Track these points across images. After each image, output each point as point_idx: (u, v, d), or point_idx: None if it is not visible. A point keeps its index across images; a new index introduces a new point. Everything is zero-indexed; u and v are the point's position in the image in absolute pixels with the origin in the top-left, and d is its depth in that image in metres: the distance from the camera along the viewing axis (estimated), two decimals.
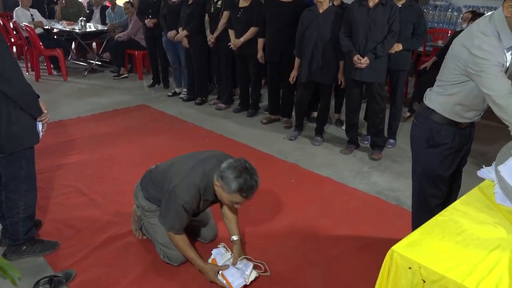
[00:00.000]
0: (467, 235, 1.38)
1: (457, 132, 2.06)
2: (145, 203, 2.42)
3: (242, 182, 1.97)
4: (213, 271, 2.21)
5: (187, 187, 2.09)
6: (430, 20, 6.29)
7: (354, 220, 2.94)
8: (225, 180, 1.99)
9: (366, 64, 3.56)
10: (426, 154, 2.15)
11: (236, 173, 1.97)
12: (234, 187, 1.97)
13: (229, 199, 2.06)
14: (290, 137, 4.36)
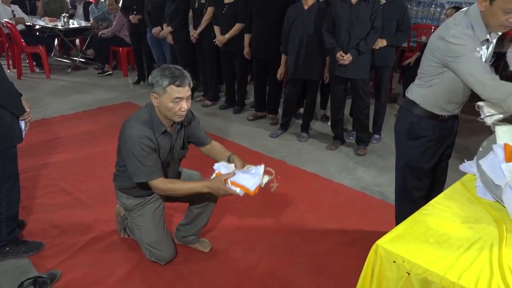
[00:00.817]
0: (449, 229, 1.41)
1: (437, 125, 2.11)
2: (123, 199, 2.33)
3: (169, 73, 1.98)
4: (220, 181, 1.99)
5: (133, 121, 2.09)
6: (413, 16, 6.36)
7: (340, 215, 2.97)
8: (156, 85, 2.00)
9: (349, 61, 3.58)
10: (408, 146, 2.20)
11: (160, 71, 2.01)
12: (166, 81, 1.97)
13: (169, 98, 1.98)
14: (272, 134, 4.37)
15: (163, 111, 2.06)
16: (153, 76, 2.02)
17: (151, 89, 2.04)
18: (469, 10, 1.85)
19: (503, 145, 1.59)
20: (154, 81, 2.01)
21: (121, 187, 2.32)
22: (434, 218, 1.46)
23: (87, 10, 7.74)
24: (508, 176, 1.48)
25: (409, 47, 5.80)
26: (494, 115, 1.74)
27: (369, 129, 4.12)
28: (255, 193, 1.99)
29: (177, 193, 2.12)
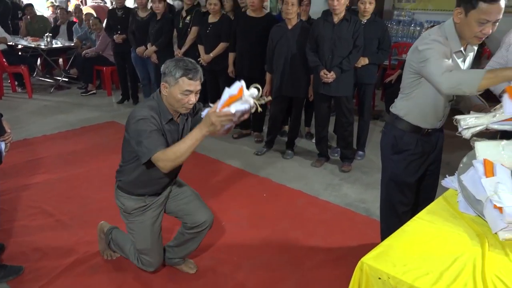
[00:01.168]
0: (433, 244, 1.42)
1: (421, 139, 2.15)
2: (123, 199, 2.24)
3: (182, 65, 1.98)
4: (211, 114, 1.81)
5: (140, 108, 2.06)
6: (394, 35, 6.50)
7: (326, 232, 2.96)
8: (168, 74, 1.99)
9: (333, 79, 3.64)
10: (392, 160, 2.23)
11: (174, 62, 2.00)
12: (179, 73, 1.97)
13: (180, 90, 1.97)
14: (257, 152, 4.38)
15: (171, 101, 2.04)
16: (167, 66, 2.01)
17: (163, 78, 2.03)
18: (444, 24, 1.93)
19: (483, 160, 1.62)
20: (167, 70, 2.00)
21: (124, 182, 2.24)
22: (418, 233, 1.48)
23: (71, 30, 7.73)
24: (488, 191, 1.50)
25: (391, 65, 5.92)
26: (471, 127, 1.79)
27: (353, 145, 4.16)
28: (240, 93, 1.77)
29: (180, 154, 1.89)
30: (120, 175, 2.27)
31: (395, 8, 6.90)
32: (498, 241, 1.41)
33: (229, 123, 1.82)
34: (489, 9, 1.74)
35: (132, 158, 2.14)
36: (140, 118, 1.99)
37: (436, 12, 6.43)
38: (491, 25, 1.79)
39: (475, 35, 1.83)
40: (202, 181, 3.74)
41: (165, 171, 1.95)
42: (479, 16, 1.76)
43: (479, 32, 1.81)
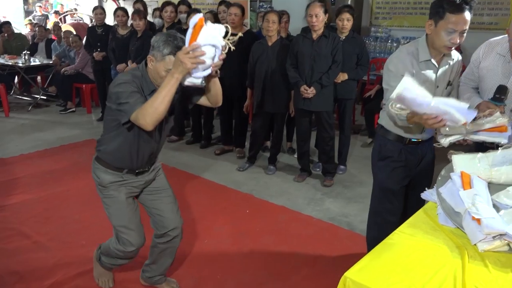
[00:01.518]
0: (414, 257, 1.43)
1: (404, 148, 2.25)
2: (100, 172, 2.18)
3: (173, 42, 1.93)
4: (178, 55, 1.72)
5: (122, 75, 2.03)
6: (372, 51, 6.64)
7: (310, 247, 2.96)
8: (157, 48, 1.95)
9: (313, 94, 3.68)
10: (377, 167, 2.36)
11: (165, 37, 1.95)
12: (167, 49, 1.92)
13: (165, 66, 1.93)
14: (239, 168, 4.38)
15: (155, 76, 2.00)
16: (157, 40, 1.96)
17: (151, 50, 1.98)
18: (421, 38, 2.12)
19: (460, 173, 1.66)
20: (155, 44, 1.96)
21: (103, 152, 2.16)
22: (399, 247, 1.49)
23: (49, 48, 7.66)
24: (466, 203, 1.53)
25: (369, 80, 6.03)
26: (449, 135, 1.85)
27: (335, 160, 4.20)
28: (201, 21, 1.68)
29: (157, 105, 1.79)
30: (100, 144, 2.20)
31: (372, 24, 7.07)
32: (477, 253, 1.43)
33: (200, 61, 1.71)
34: (455, 19, 1.90)
35: (113, 127, 2.08)
36: (121, 82, 1.96)
37: (412, 28, 6.61)
38: (458, 34, 1.94)
39: (444, 44, 1.98)
40: (183, 198, 3.71)
41: (149, 128, 1.84)
42: (447, 26, 1.93)
43: (448, 41, 1.96)
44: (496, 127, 1.81)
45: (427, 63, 2.09)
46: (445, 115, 1.68)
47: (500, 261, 1.39)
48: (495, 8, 5.92)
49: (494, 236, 1.42)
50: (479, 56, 2.07)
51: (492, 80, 1.97)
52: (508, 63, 1.90)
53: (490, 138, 1.82)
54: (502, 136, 1.81)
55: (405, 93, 1.65)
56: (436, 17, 1.97)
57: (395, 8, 6.85)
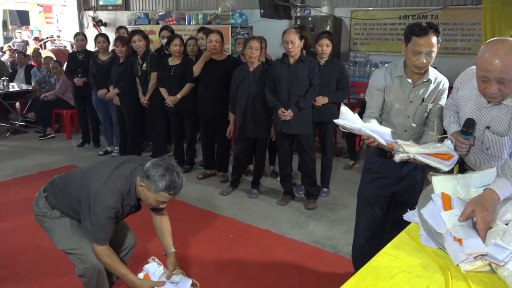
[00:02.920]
0: (398, 279, 1.43)
1: (385, 162, 2.37)
2: (48, 209, 2.24)
3: (169, 179, 1.94)
4: (148, 286, 2.07)
5: (110, 191, 1.99)
6: (351, 75, 6.78)
7: (295, 271, 2.94)
8: (152, 179, 1.94)
9: (291, 117, 3.73)
10: (361, 177, 2.59)
11: (162, 171, 1.94)
12: (162, 185, 1.93)
13: (156, 198, 1.99)
14: (222, 192, 4.35)
15: (144, 199, 2.07)
16: (154, 171, 1.95)
17: (143, 177, 1.98)
18: (403, 58, 2.28)
19: (441, 194, 1.69)
20: (151, 175, 1.95)
21: (55, 204, 2.23)
22: (383, 268, 1.49)
23: (29, 73, 7.58)
24: (448, 224, 1.55)
25: (350, 103, 6.13)
26: (401, 153, 1.95)
27: (317, 183, 4.22)
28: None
29: (109, 269, 2.13)
30: (50, 197, 2.24)
31: (351, 50, 7.25)
32: (460, 273, 1.44)
33: None
34: (420, 41, 2.09)
35: (66, 199, 2.18)
36: (102, 207, 1.98)
37: (388, 53, 6.81)
38: (423, 55, 2.11)
39: (413, 64, 2.17)
40: None
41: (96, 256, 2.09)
42: (413, 48, 2.12)
43: (416, 61, 2.14)
44: (440, 153, 1.91)
45: (400, 78, 2.28)
46: (373, 137, 1.96)
47: (483, 281, 1.40)
48: (468, 34, 6.16)
49: (476, 256, 1.44)
50: (457, 84, 2.14)
51: (466, 111, 2.03)
52: (480, 97, 1.94)
53: (433, 163, 1.92)
54: (444, 164, 1.90)
55: (342, 118, 1.98)
56: (406, 40, 2.17)
57: (373, 34, 7.05)
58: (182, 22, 8.34)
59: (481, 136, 1.96)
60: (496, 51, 1.68)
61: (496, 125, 1.90)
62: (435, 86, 2.28)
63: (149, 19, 8.91)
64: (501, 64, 1.66)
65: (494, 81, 1.71)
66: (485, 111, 1.94)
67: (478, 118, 1.96)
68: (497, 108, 1.89)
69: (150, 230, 2.45)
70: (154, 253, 2.42)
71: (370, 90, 2.38)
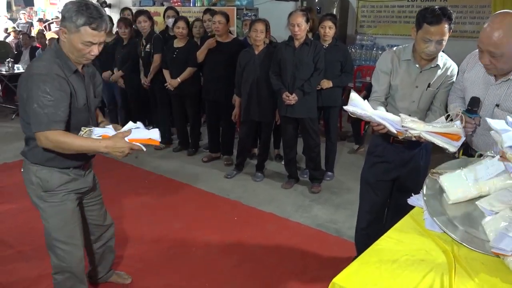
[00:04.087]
0: (402, 262, 1.44)
1: (388, 147, 2.37)
2: (43, 173, 1.99)
3: (86, 11, 1.76)
4: (122, 139, 1.85)
5: (37, 66, 1.79)
6: (358, 58, 6.71)
7: (298, 254, 2.96)
8: (69, 19, 1.76)
9: (295, 101, 3.70)
10: (365, 160, 2.59)
11: (76, 7, 1.76)
12: (81, 20, 1.75)
13: (80, 39, 1.78)
14: (227, 175, 4.37)
15: (71, 50, 1.83)
16: (67, 9, 1.77)
17: (62, 22, 1.78)
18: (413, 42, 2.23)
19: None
20: (67, 14, 1.76)
21: (35, 160, 1.99)
22: (387, 252, 1.50)
23: (34, 55, 7.57)
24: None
25: (355, 87, 6.08)
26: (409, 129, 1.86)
27: (322, 167, 4.22)
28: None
29: (69, 149, 1.81)
30: (30, 141, 1.98)
31: (358, 33, 7.15)
32: (463, 258, 1.45)
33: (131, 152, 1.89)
34: (432, 29, 2.04)
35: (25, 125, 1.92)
36: (38, 80, 1.73)
37: (396, 36, 6.70)
38: (434, 44, 2.08)
39: (422, 51, 2.14)
40: (171, 206, 3.68)
41: (42, 147, 1.80)
42: (424, 35, 2.08)
43: (426, 49, 2.11)
44: (449, 133, 1.84)
45: (408, 62, 2.25)
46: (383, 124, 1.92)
47: (485, 265, 1.40)
48: (477, 17, 6.05)
49: None
50: (463, 66, 2.11)
51: (474, 91, 2.00)
52: (488, 75, 1.93)
53: (440, 142, 1.84)
54: (452, 144, 1.84)
55: (351, 105, 1.95)
56: (417, 26, 2.12)
57: (380, 17, 6.95)
58: (187, 4, 8.25)
59: (489, 114, 1.94)
60: (493, 24, 1.74)
61: (506, 102, 1.88)
62: (443, 72, 2.25)
63: (154, 0, 8.82)
64: (494, 38, 1.71)
65: (486, 52, 1.78)
66: (493, 89, 1.92)
67: (486, 97, 1.94)
68: (506, 84, 1.88)
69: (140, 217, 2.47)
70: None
71: (377, 73, 2.36)
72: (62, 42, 1.84)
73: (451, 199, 1.63)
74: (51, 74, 1.77)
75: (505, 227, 1.43)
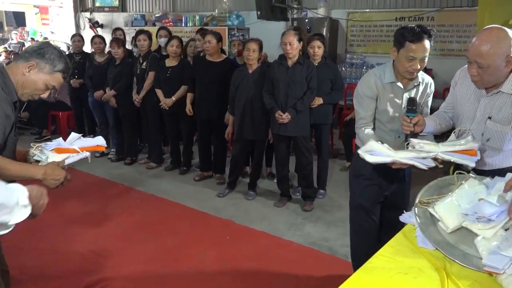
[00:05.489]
0: (395, 280, 1.44)
1: (376, 167, 2.26)
2: None
3: (65, 61, 1.82)
4: (57, 167, 1.82)
5: None
6: (348, 77, 6.81)
7: (291, 272, 2.94)
8: (48, 58, 1.77)
9: (288, 119, 3.73)
10: (352, 184, 2.47)
11: (58, 53, 1.82)
12: (60, 66, 1.80)
13: (47, 81, 1.79)
14: (219, 193, 4.35)
15: (27, 85, 1.78)
16: (49, 50, 1.79)
17: (35, 57, 1.76)
18: (389, 62, 2.28)
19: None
20: (47, 55, 1.78)
21: None
22: (379, 270, 1.50)
23: None
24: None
25: (346, 105, 6.15)
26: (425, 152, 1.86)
27: (314, 184, 4.22)
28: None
29: (5, 172, 1.71)
30: None
31: (348, 51, 7.28)
32: (455, 275, 1.45)
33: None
34: (414, 47, 2.06)
35: None
36: None
37: (385, 55, 6.82)
38: (418, 61, 2.09)
39: (406, 70, 2.13)
40: (162, 225, 3.65)
41: None
42: (407, 54, 2.08)
43: (409, 67, 2.11)
44: (466, 150, 1.86)
45: (392, 85, 2.23)
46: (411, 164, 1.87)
47: (478, 282, 1.41)
48: (464, 35, 6.20)
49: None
50: (455, 80, 2.16)
51: (465, 104, 2.05)
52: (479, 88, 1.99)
53: (459, 160, 1.86)
54: (471, 160, 1.85)
55: (372, 155, 1.91)
56: (397, 45, 2.12)
57: (369, 36, 7.09)
58: (178, 24, 8.35)
59: (482, 127, 1.98)
60: (481, 37, 1.81)
61: (497, 113, 1.93)
62: (424, 87, 2.29)
63: (145, 21, 8.91)
64: (481, 50, 1.78)
65: (473, 63, 1.84)
66: (485, 101, 1.97)
67: (478, 109, 1.99)
68: (497, 96, 1.93)
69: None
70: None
71: (361, 98, 2.30)
72: (14, 72, 1.77)
73: (450, 227, 1.60)
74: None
75: (497, 245, 1.44)
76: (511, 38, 1.78)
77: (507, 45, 1.77)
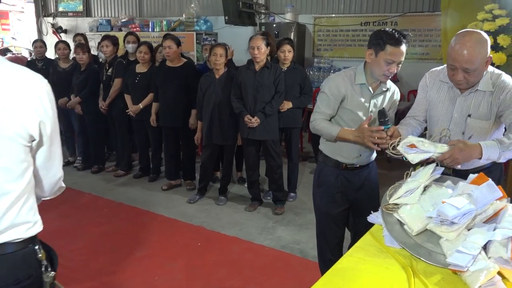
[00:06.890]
0: (364, 280, 1.45)
1: (340, 174, 2.31)
2: None
3: None
4: None
5: None
6: (316, 81, 6.89)
7: (263, 277, 2.93)
8: None
9: (257, 123, 3.75)
10: (316, 193, 2.43)
11: None
12: None
13: None
14: (189, 200, 4.30)
15: None
16: None
17: None
18: (360, 64, 2.26)
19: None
20: None
21: None
22: (349, 271, 1.51)
23: None
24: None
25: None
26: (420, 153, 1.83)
27: (285, 188, 4.24)
28: None
29: None
30: None
31: (315, 56, 7.37)
32: (422, 273, 1.48)
33: None
34: (394, 51, 2.06)
35: None
36: None
37: (351, 59, 6.96)
38: (395, 65, 2.10)
39: (383, 73, 2.13)
40: (131, 234, 3.57)
41: None
42: (387, 57, 2.07)
43: (387, 71, 2.11)
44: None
45: (361, 87, 2.22)
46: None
47: (444, 280, 1.44)
48: (426, 40, 6.41)
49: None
50: (426, 84, 2.19)
51: (439, 107, 2.10)
52: (451, 88, 2.05)
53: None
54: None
55: (416, 152, 1.83)
56: (377, 48, 2.09)
57: (336, 41, 7.21)
58: (145, 29, 8.24)
59: (462, 125, 2.04)
60: (464, 43, 1.85)
61: (476, 111, 2.00)
62: (391, 95, 2.32)
63: (111, 26, 8.75)
64: (468, 56, 1.83)
65: (460, 70, 1.89)
66: (461, 100, 2.03)
67: (455, 110, 2.05)
68: (473, 95, 2.00)
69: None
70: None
71: (326, 96, 2.25)
72: None
73: (415, 230, 1.64)
74: None
75: (460, 244, 1.48)
76: (487, 39, 1.88)
77: (486, 47, 1.87)
